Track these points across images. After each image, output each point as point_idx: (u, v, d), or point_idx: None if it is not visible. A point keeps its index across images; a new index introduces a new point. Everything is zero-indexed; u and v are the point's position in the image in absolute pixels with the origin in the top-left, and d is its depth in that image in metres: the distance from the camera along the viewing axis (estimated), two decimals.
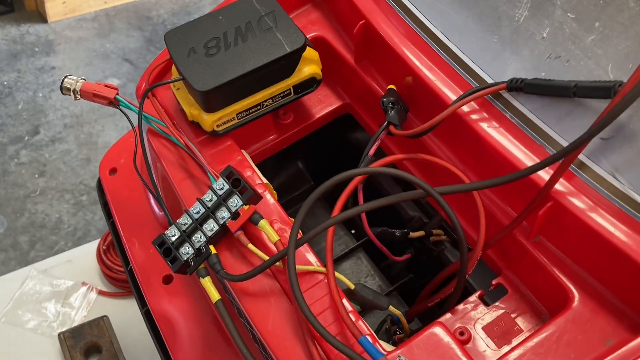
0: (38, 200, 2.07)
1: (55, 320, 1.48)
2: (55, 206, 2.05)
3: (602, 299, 0.74)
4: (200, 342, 0.94)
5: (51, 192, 2.11)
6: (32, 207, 2.05)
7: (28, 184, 2.13)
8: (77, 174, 2.20)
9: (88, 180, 2.14)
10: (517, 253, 0.81)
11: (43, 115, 2.39)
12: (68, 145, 2.28)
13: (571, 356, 0.71)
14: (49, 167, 2.22)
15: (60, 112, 2.40)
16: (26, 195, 2.09)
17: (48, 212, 2.02)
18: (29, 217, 2.01)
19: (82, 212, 2.03)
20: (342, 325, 0.74)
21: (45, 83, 2.50)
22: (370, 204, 0.77)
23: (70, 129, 2.34)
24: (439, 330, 0.74)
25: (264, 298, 0.79)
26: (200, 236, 0.81)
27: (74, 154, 2.25)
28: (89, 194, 2.09)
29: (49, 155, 2.26)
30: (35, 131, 2.34)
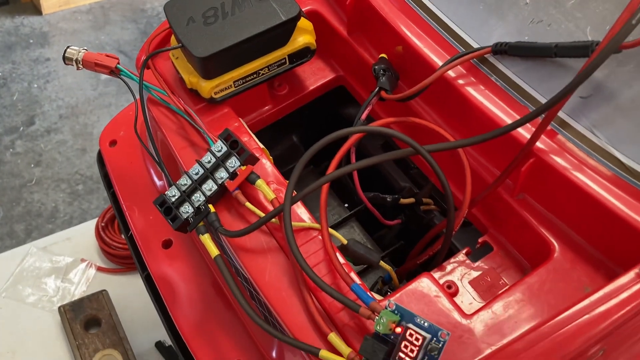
0: (34, 190, 2.10)
1: (55, 295, 1.51)
2: (51, 195, 2.08)
3: (581, 251, 0.78)
4: (200, 303, 0.97)
5: (47, 182, 2.13)
6: (28, 197, 2.07)
7: (24, 174, 2.15)
8: (72, 163, 2.22)
9: (84, 170, 2.17)
10: (502, 211, 0.85)
11: (38, 106, 2.41)
12: (63, 136, 2.30)
13: (551, 302, 0.75)
14: (45, 157, 2.24)
15: (56, 102, 2.42)
16: (22, 185, 2.11)
17: (44, 201, 2.05)
18: (25, 206, 2.03)
19: (77, 201, 2.06)
20: (335, 276, 0.78)
21: (40, 74, 2.52)
22: (363, 162, 0.81)
23: (65, 120, 2.36)
24: (427, 280, 0.78)
25: (261, 253, 0.83)
26: (199, 196, 0.85)
27: (70, 144, 2.27)
28: (84, 184, 2.12)
29: (45, 146, 2.28)
30: (30, 122, 2.36)
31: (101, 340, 1.40)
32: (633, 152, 0.72)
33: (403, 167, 1.14)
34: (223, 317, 0.95)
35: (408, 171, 1.14)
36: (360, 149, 1.04)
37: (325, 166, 1.20)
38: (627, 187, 0.73)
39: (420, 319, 0.69)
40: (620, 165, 0.73)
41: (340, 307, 0.76)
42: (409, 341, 0.67)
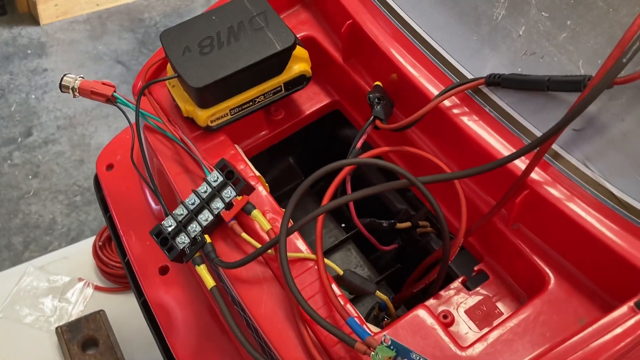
0: (31, 202, 2.10)
1: (52, 315, 1.51)
2: (48, 207, 2.08)
3: (576, 282, 0.79)
4: (196, 330, 0.98)
5: (45, 193, 2.13)
6: (26, 208, 2.07)
7: (21, 185, 2.15)
8: (70, 175, 2.22)
9: (81, 182, 2.17)
10: (497, 240, 0.86)
11: (36, 117, 2.41)
12: (61, 147, 2.30)
13: (547, 335, 0.75)
14: (42, 168, 2.24)
15: (53, 113, 2.43)
16: (19, 197, 2.11)
17: (42, 212, 2.05)
18: (22, 218, 2.03)
19: (75, 212, 2.06)
20: (331, 308, 0.78)
21: (37, 85, 2.52)
22: (358, 193, 0.81)
23: (63, 131, 2.36)
24: (423, 312, 0.78)
25: (257, 284, 0.83)
26: (195, 226, 0.85)
27: (67, 155, 2.27)
28: (82, 195, 2.12)
29: (42, 157, 2.28)
30: (28, 133, 2.36)
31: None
32: (625, 185, 0.73)
33: (399, 189, 1.14)
34: (220, 345, 0.95)
35: (404, 194, 1.14)
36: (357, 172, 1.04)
37: (320, 187, 1.21)
38: (620, 220, 0.74)
39: (415, 354, 0.69)
40: (612, 198, 0.73)
41: (336, 340, 0.77)
42: None
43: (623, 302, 0.71)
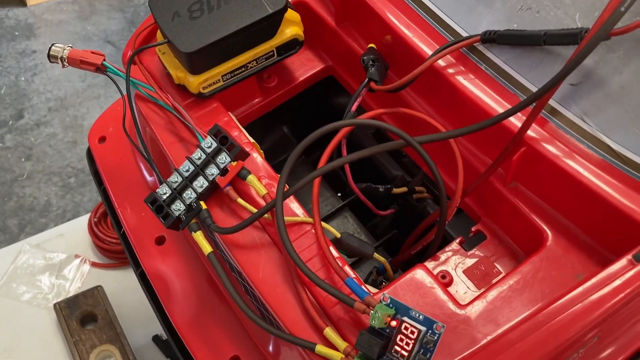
0: (25, 184, 2.08)
1: (50, 292, 1.50)
2: (43, 189, 2.06)
3: (574, 238, 0.78)
4: (195, 299, 0.97)
5: (38, 176, 2.12)
6: (20, 191, 2.06)
7: (14, 168, 2.13)
8: (63, 156, 2.20)
9: (75, 163, 2.15)
10: (495, 200, 0.85)
11: (27, 99, 2.39)
12: (53, 129, 2.28)
13: (545, 291, 0.75)
14: (35, 150, 2.23)
15: (44, 95, 2.40)
16: (13, 179, 2.09)
17: (36, 195, 2.04)
18: (17, 200, 2.02)
19: (70, 194, 2.04)
20: (329, 270, 0.78)
21: (27, 67, 2.49)
22: (355, 155, 0.80)
23: (55, 113, 2.33)
24: (421, 272, 0.78)
25: (254, 249, 0.83)
26: (190, 193, 0.84)
27: (60, 137, 2.25)
28: (76, 177, 2.11)
29: (35, 139, 2.26)
30: (19, 115, 2.34)
31: (98, 336, 1.40)
32: (623, 138, 0.72)
33: (395, 155, 1.14)
34: (218, 313, 0.95)
35: (400, 159, 1.14)
36: (352, 139, 1.03)
37: (316, 156, 1.20)
38: (618, 174, 0.73)
39: (415, 312, 0.69)
40: (611, 151, 0.73)
41: (335, 301, 0.76)
42: (405, 334, 0.68)
43: (621, 256, 0.71)
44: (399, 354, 0.67)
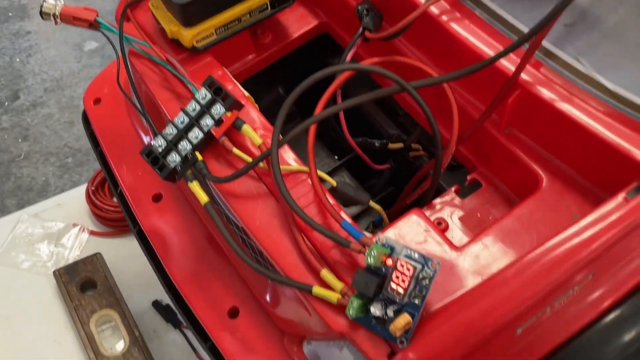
0: (23, 165, 2.09)
1: (49, 260, 1.51)
2: (40, 169, 2.07)
3: (569, 180, 0.79)
4: (193, 254, 0.98)
5: (36, 156, 2.12)
6: (18, 171, 2.06)
7: (12, 149, 2.13)
8: (60, 137, 2.20)
9: (72, 143, 2.15)
10: (490, 146, 0.85)
11: (22, 80, 2.38)
12: (50, 109, 2.28)
13: (541, 232, 0.76)
14: (32, 131, 2.22)
15: (40, 76, 2.39)
16: (10, 160, 2.10)
17: (34, 175, 2.04)
18: (15, 181, 2.02)
19: (68, 174, 2.04)
20: (326, 216, 0.78)
21: (21, 48, 2.48)
22: (349, 102, 0.80)
23: (51, 93, 2.33)
24: (416, 215, 0.78)
25: (250, 199, 0.83)
26: (186, 144, 0.84)
27: (57, 117, 2.25)
28: (74, 157, 2.11)
29: (31, 120, 2.26)
30: (15, 96, 2.33)
31: (98, 301, 1.40)
32: (618, 77, 0.72)
33: (391, 114, 1.13)
34: (216, 266, 0.96)
35: (396, 119, 1.13)
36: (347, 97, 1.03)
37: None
38: (613, 113, 0.73)
39: (410, 250, 0.69)
40: (605, 90, 0.73)
41: (332, 245, 0.77)
42: (400, 272, 0.68)
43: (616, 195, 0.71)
44: (395, 291, 0.68)
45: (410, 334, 0.68)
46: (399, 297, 0.68)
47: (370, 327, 0.71)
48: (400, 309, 0.69)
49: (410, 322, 0.67)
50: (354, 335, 0.72)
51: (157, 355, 1.39)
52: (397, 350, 0.69)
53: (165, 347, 1.41)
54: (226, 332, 0.90)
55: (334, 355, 0.78)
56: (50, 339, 1.40)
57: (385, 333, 0.70)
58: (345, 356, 0.76)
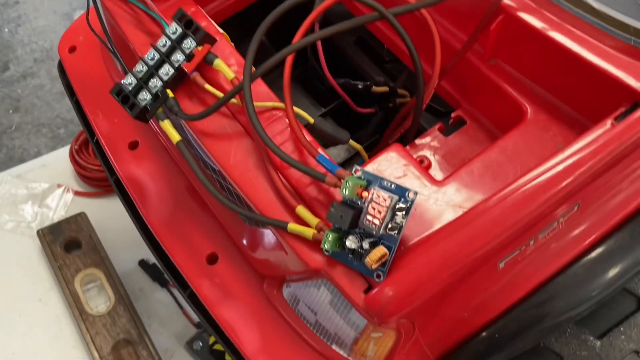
0: (15, 136, 2.06)
1: (33, 220, 1.48)
2: (32, 140, 2.04)
3: (555, 111, 0.76)
4: (170, 201, 0.95)
5: (27, 127, 2.09)
6: (9, 143, 2.03)
7: (3, 120, 2.10)
8: (52, 108, 2.17)
9: (64, 114, 2.11)
10: (474, 80, 0.82)
11: (11, 51, 2.34)
12: (40, 80, 2.24)
13: (525, 163, 0.73)
14: (23, 102, 2.19)
15: (29, 47, 2.34)
16: (2, 131, 2.07)
17: (26, 146, 2.01)
18: (6, 152, 2.00)
19: (60, 145, 2.00)
20: (302, 153, 0.75)
21: (10, 18, 2.42)
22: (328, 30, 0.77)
23: (41, 64, 2.29)
24: (395, 151, 0.75)
25: (224, 138, 0.80)
26: (156, 81, 0.81)
27: (48, 88, 2.21)
28: (66, 127, 2.07)
29: (22, 91, 2.22)
30: (4, 67, 2.29)
31: (82, 260, 1.38)
32: None
33: (377, 61, 1.10)
34: (195, 214, 0.93)
35: (383, 65, 1.10)
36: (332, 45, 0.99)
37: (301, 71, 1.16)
38: (600, 35, 0.70)
39: (387, 181, 0.66)
40: (591, 11, 0.69)
41: (308, 182, 0.74)
42: (376, 203, 0.65)
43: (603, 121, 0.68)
44: (371, 222, 0.65)
45: (387, 267, 0.65)
46: (375, 228, 0.65)
47: (347, 262, 0.68)
48: (377, 242, 0.66)
49: (387, 254, 0.65)
50: (330, 271, 0.69)
51: (144, 313, 1.37)
52: (375, 284, 0.66)
53: (152, 306, 1.40)
54: (205, 279, 0.87)
55: (312, 295, 0.76)
56: (35, 299, 1.38)
57: (362, 268, 0.67)
58: (323, 295, 0.74)
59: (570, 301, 0.74)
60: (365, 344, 0.74)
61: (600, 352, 0.86)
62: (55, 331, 1.34)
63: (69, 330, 1.34)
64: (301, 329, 0.81)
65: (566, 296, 0.73)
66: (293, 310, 0.82)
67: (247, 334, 0.83)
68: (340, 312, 0.73)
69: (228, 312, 0.85)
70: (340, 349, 0.78)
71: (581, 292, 0.73)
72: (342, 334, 0.75)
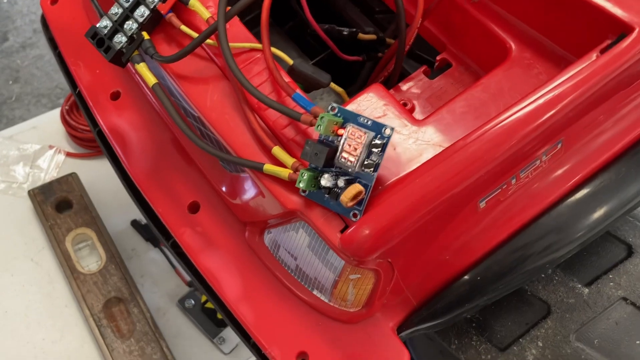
0: (15, 106, 2.05)
1: (25, 181, 1.48)
2: (32, 111, 2.03)
3: (540, 47, 0.73)
4: (152, 150, 0.93)
5: (27, 98, 2.08)
6: (10, 113, 2.03)
7: (2, 91, 2.09)
8: (51, 78, 2.15)
9: (64, 84, 2.09)
10: (458, 20, 0.79)
11: (10, 21, 2.31)
12: (40, 51, 2.22)
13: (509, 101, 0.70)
14: (22, 72, 2.17)
15: (28, 17, 2.32)
16: (2, 102, 2.06)
17: (26, 117, 2.01)
18: (7, 123, 1.99)
19: None
20: (280, 94, 0.73)
21: None
22: None
23: (40, 34, 2.27)
24: (375, 90, 0.73)
25: (201, 80, 0.78)
26: (132, 23, 0.79)
27: (47, 58, 2.19)
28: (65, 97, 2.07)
29: (21, 61, 2.20)
30: (4, 38, 2.27)
31: (74, 220, 1.37)
32: None
33: (367, 12, 1.07)
34: (177, 163, 0.91)
35: (373, 16, 1.07)
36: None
37: (290, 26, 1.13)
38: None
39: (363, 118, 0.65)
40: None
41: (284, 123, 0.72)
42: (352, 140, 0.63)
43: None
44: (347, 160, 0.63)
45: (363, 206, 0.64)
46: (351, 166, 0.63)
47: (323, 202, 0.67)
48: (352, 180, 0.64)
49: (362, 191, 0.63)
50: (307, 211, 0.68)
51: (137, 273, 1.37)
52: (351, 224, 0.65)
53: (144, 265, 1.39)
54: (187, 227, 0.86)
55: (291, 239, 0.75)
56: (27, 259, 1.38)
57: (338, 207, 0.66)
58: (301, 237, 0.73)
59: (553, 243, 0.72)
60: (344, 287, 0.73)
61: (588, 299, 0.84)
62: (48, 290, 1.34)
63: (60, 289, 1.34)
64: (283, 276, 0.80)
65: (549, 237, 0.71)
66: (274, 256, 0.80)
67: (229, 281, 0.82)
68: (318, 254, 0.72)
69: (209, 260, 0.84)
70: (321, 294, 0.77)
71: (565, 234, 0.71)
72: (322, 277, 0.74)
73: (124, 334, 1.24)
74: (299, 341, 0.77)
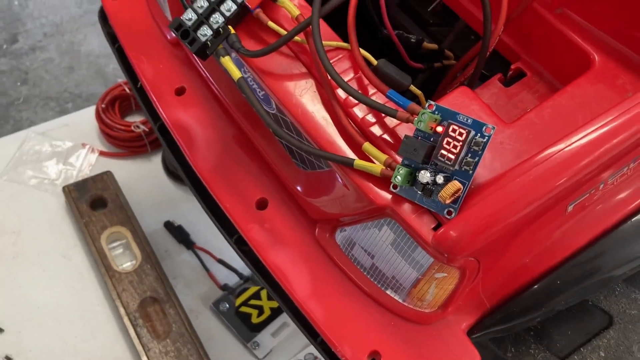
0: (22, 108, 2.04)
1: (57, 178, 1.46)
2: (40, 114, 2.02)
3: (624, 59, 0.75)
4: (219, 146, 0.93)
5: (35, 100, 2.07)
6: (17, 115, 2.01)
7: (10, 92, 2.08)
8: (60, 82, 2.14)
9: (72, 88, 2.09)
10: (539, 30, 0.81)
11: (21, 24, 2.31)
12: (49, 54, 2.22)
13: (594, 110, 0.72)
14: (31, 75, 2.16)
15: (39, 20, 2.31)
16: (9, 103, 2.05)
17: (33, 119, 1.99)
18: (14, 124, 1.97)
19: None
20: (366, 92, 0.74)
21: None
22: None
23: (50, 38, 2.26)
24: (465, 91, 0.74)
25: (286, 76, 0.79)
26: (218, 17, 0.80)
27: (56, 62, 2.19)
28: (74, 102, 2.05)
29: (30, 64, 2.19)
30: (13, 40, 2.26)
31: (109, 218, 1.37)
32: None
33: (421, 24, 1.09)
34: (244, 159, 0.92)
35: (426, 28, 1.09)
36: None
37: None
38: None
39: (462, 116, 0.66)
40: None
41: (372, 121, 0.73)
42: (452, 137, 0.64)
43: None
44: (446, 157, 0.64)
45: (459, 204, 0.65)
46: (450, 163, 0.64)
47: (415, 199, 0.67)
48: (450, 177, 0.65)
49: (461, 189, 0.64)
50: (398, 208, 0.68)
51: (169, 274, 1.36)
52: (444, 221, 0.66)
53: (177, 267, 1.38)
54: (254, 224, 0.86)
55: (372, 237, 0.75)
56: (59, 255, 1.36)
57: (431, 204, 0.66)
58: (385, 235, 0.73)
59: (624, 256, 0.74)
60: (425, 287, 0.73)
61: None
62: (78, 287, 1.32)
63: (92, 286, 1.32)
64: (354, 274, 0.80)
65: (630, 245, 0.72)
66: (346, 255, 0.81)
67: (298, 278, 0.82)
68: (402, 252, 0.72)
69: (278, 257, 0.84)
70: (396, 294, 0.77)
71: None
72: (401, 276, 0.74)
73: (159, 335, 1.23)
74: (371, 340, 0.77)
